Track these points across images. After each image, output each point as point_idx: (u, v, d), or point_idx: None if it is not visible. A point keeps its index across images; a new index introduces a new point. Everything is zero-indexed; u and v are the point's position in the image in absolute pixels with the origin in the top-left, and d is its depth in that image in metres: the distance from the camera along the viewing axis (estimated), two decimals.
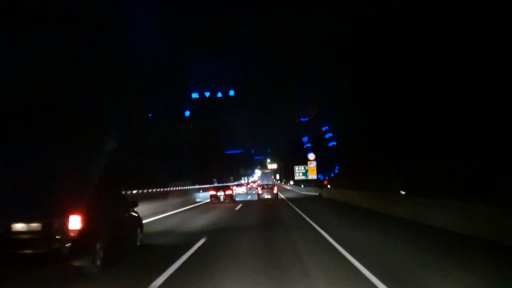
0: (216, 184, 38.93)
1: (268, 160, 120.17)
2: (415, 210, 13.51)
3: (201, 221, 14.22)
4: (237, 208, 21.13)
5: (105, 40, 35.71)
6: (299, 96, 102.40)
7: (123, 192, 10.18)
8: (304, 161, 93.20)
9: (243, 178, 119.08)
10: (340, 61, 59.07)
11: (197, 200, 29.37)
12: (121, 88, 37.64)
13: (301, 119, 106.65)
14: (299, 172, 43.39)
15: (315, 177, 40.64)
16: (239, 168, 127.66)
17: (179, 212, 18.62)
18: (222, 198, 27.12)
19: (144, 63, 50.07)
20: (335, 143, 78.28)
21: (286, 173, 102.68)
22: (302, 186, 49.20)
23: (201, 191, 33.32)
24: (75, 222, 6.00)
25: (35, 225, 5.89)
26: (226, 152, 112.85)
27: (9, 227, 5.85)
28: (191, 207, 22.14)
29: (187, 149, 67.39)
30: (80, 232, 6.02)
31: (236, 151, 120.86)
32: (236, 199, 29.20)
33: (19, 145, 17.23)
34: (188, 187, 30.66)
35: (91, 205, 6.50)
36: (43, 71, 21.55)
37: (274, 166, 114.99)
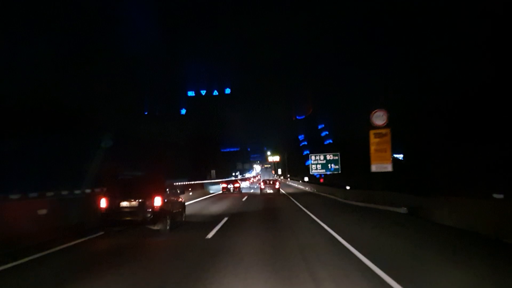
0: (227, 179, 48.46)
1: (269, 153, 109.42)
2: None
3: (220, 206, 18.91)
4: (244, 199, 26.06)
5: (101, 40, 35.56)
6: (294, 94, 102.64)
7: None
8: (303, 159, 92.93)
9: (233, 174, 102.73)
10: (335, 59, 59.22)
11: (211, 192, 34.63)
12: (117, 87, 37.53)
13: (297, 117, 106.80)
14: (316, 163, 30.02)
15: (389, 167, 17.22)
16: (235, 162, 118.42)
17: (200, 200, 23.72)
18: (231, 189, 34.01)
19: (140, 61, 49.90)
20: (331, 141, 78.51)
21: (292, 167, 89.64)
22: (348, 187, 25.97)
23: (213, 185, 40.22)
24: (157, 201, 9.79)
25: (134, 203, 9.73)
26: (222, 150, 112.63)
27: (119, 204, 9.75)
28: (207, 197, 27.24)
29: (183, 147, 67.24)
30: (160, 208, 9.82)
31: (232, 149, 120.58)
32: (242, 192, 35.56)
33: (17, 142, 17.20)
34: (204, 182, 37.70)
35: (165, 192, 10.39)
36: (41, 70, 21.48)
37: (276, 158, 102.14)
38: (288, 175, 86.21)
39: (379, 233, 9.96)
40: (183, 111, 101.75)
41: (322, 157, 30.86)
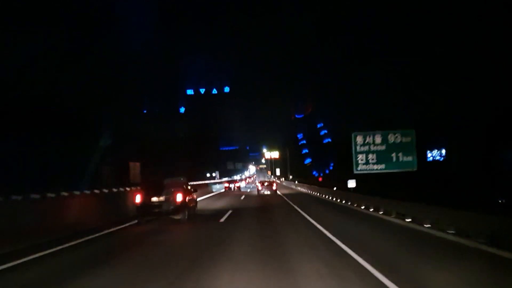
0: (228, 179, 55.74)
1: (264, 150, 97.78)
2: None
3: (224, 202, 22.21)
4: (244, 195, 30.29)
5: (100, 38, 35.43)
6: (294, 93, 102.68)
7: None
8: (302, 158, 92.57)
9: (209, 175, 73.81)
10: (335, 58, 59.19)
11: (213, 190, 38.57)
12: (116, 85, 37.44)
13: (296, 116, 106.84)
14: (366, 150, 16.74)
15: None
16: (227, 161, 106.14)
17: (205, 198, 26.52)
18: (233, 188, 38.96)
19: (139, 59, 49.75)
20: (330, 140, 78.51)
21: (291, 167, 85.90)
22: None
23: (216, 184, 45.17)
24: (179, 197, 12.46)
25: (161, 198, 12.31)
26: (221, 149, 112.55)
27: (150, 199, 12.33)
28: (212, 195, 31.09)
29: (182, 145, 67.18)
30: (180, 202, 12.49)
31: (231, 148, 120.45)
32: (241, 190, 40.44)
33: (14, 141, 17.17)
34: (208, 182, 42.92)
35: (184, 190, 13.13)
36: (38, 68, 21.39)
37: (274, 154, 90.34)
38: (291, 176, 70.42)
39: None
40: (182, 110, 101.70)
41: (378, 139, 16.27)
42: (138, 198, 12.35)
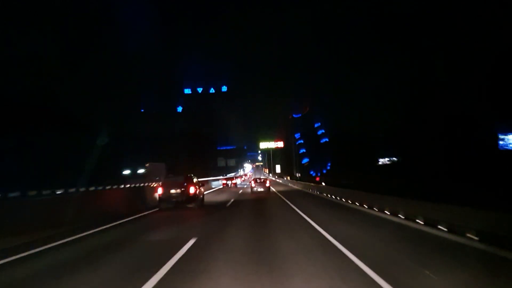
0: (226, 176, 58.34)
1: (261, 145, 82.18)
2: None
3: (224, 196, 25.35)
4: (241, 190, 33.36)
5: (98, 38, 35.48)
6: (291, 92, 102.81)
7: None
8: (299, 157, 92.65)
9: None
10: (333, 57, 59.41)
11: (213, 186, 43.17)
12: (114, 85, 37.46)
13: (294, 116, 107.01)
14: None
15: None
16: (217, 157, 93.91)
17: (206, 193, 29.16)
18: (230, 185, 43.79)
19: (137, 58, 49.82)
20: (327, 140, 78.74)
21: (286, 167, 76.97)
22: None
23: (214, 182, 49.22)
24: (191, 190, 15.54)
25: (178, 191, 15.30)
26: (219, 148, 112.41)
27: (169, 191, 15.33)
28: (212, 191, 34.35)
29: (179, 144, 67.20)
30: (193, 194, 15.53)
31: (229, 147, 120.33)
32: (237, 186, 45.27)
33: (12, 140, 17.25)
34: (207, 179, 46.42)
35: (195, 184, 16.11)
36: (36, 68, 21.44)
37: (271, 144, 76.47)
38: (299, 174, 61.75)
39: None
40: (180, 109, 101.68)
41: None
42: (159, 191, 15.54)
